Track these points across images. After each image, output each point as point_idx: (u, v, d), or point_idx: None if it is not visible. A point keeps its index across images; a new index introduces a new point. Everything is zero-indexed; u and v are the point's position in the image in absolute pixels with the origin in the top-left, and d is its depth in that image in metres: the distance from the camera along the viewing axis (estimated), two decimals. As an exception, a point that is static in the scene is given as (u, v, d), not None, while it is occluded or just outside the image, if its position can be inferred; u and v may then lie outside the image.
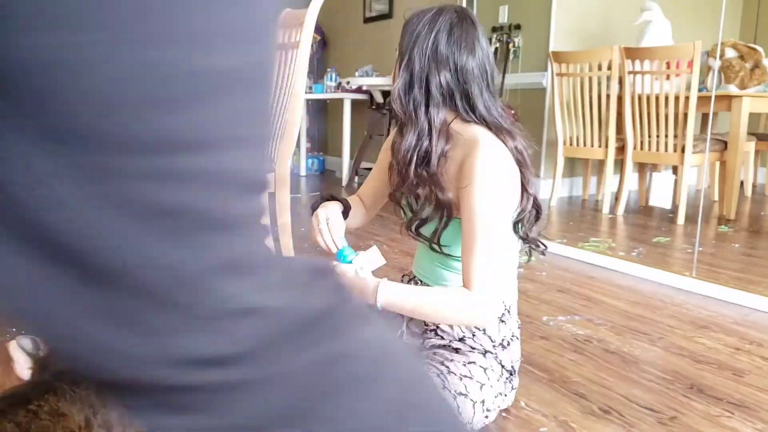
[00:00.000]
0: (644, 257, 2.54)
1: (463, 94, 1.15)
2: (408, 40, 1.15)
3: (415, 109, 1.15)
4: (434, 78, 1.13)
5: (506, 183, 1.14)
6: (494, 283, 1.11)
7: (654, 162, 3.21)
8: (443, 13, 1.16)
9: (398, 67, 1.17)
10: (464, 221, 1.13)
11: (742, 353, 1.64)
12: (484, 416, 1.18)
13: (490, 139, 1.15)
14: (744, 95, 2.93)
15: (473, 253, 1.10)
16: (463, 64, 1.14)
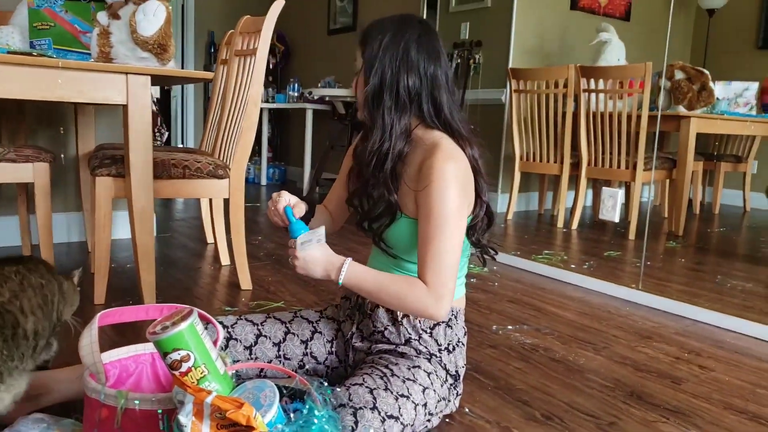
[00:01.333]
0: (594, 270, 2.56)
1: (430, 99, 1.18)
2: (376, 47, 1.16)
3: (382, 113, 1.16)
4: (403, 82, 1.15)
5: (463, 186, 1.15)
6: (449, 281, 1.12)
7: (607, 178, 3.27)
8: (409, 23, 1.19)
9: (363, 75, 1.18)
10: (421, 221, 1.14)
11: (681, 362, 1.66)
12: (426, 419, 1.16)
13: (450, 144, 1.17)
14: (692, 116, 3.02)
15: (429, 251, 1.11)
16: (431, 70, 1.17)
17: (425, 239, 1.13)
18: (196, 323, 0.90)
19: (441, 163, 1.12)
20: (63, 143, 2.72)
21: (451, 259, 1.12)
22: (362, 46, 1.19)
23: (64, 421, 1.07)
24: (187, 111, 5.69)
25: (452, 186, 1.12)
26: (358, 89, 1.22)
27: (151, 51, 1.72)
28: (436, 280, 1.11)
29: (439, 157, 1.13)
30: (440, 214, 1.11)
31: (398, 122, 1.16)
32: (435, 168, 1.12)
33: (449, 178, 1.12)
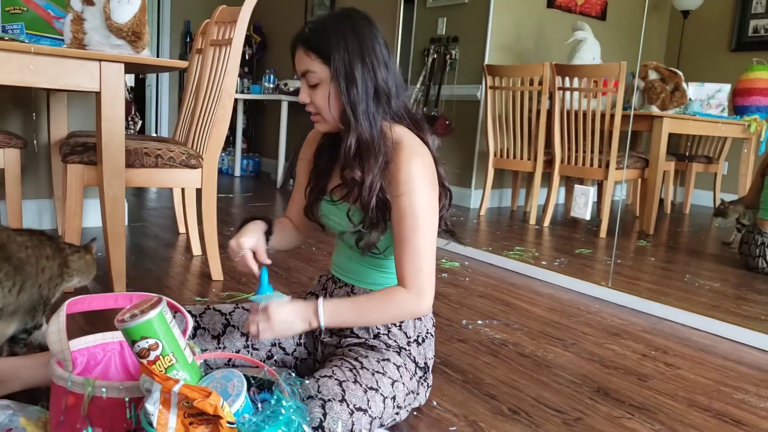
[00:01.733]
0: (565, 267, 2.61)
1: (396, 92, 1.15)
2: (342, 51, 1.09)
3: (370, 120, 1.12)
4: (381, 80, 1.12)
5: (431, 181, 1.15)
6: (429, 277, 1.14)
7: (580, 176, 3.32)
8: (356, 16, 1.13)
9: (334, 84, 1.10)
10: (395, 222, 1.14)
11: (647, 359, 1.69)
12: (395, 413, 1.17)
13: (412, 139, 1.15)
14: (664, 116, 3.08)
15: (407, 252, 1.12)
16: (391, 61, 1.15)
17: (401, 240, 1.13)
18: (165, 312, 0.90)
19: (407, 163, 1.11)
20: (34, 129, 2.66)
21: (428, 256, 1.13)
22: (318, 54, 1.10)
23: (30, 408, 1.06)
24: (161, 100, 5.60)
25: (421, 185, 1.11)
26: (317, 102, 1.13)
27: (126, 38, 1.70)
28: (415, 279, 1.13)
29: (404, 156, 1.11)
30: (413, 215, 1.11)
31: (379, 122, 1.13)
32: (402, 169, 1.11)
33: (417, 177, 1.11)
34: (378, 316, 1.17)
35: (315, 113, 1.17)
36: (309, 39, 1.11)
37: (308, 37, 1.12)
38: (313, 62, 1.11)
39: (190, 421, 0.84)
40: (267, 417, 0.87)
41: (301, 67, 1.13)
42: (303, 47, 1.12)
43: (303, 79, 1.14)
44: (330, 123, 1.16)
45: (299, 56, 1.13)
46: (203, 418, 0.84)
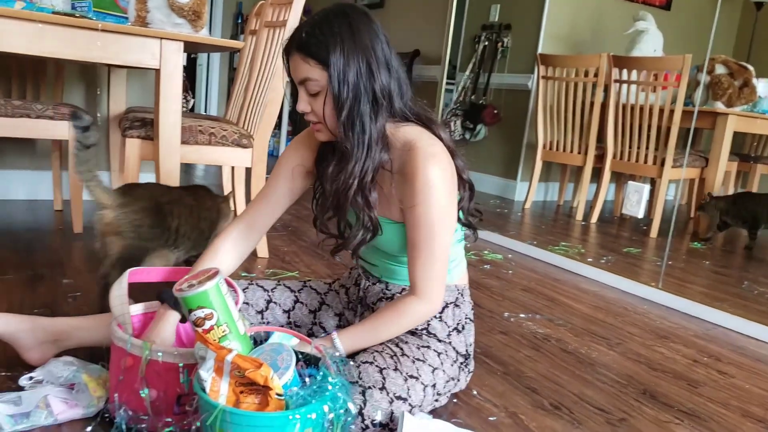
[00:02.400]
0: (612, 265, 2.55)
1: (400, 91, 1.08)
2: (338, 55, 1.01)
3: (362, 127, 1.04)
4: (378, 82, 1.04)
5: (449, 182, 1.09)
6: (439, 281, 1.13)
7: (632, 173, 3.23)
8: (353, 13, 1.04)
9: (332, 92, 1.02)
10: (410, 227, 1.10)
11: (699, 365, 1.64)
12: (434, 399, 1.17)
13: (425, 138, 1.09)
14: (730, 113, 2.94)
15: (420, 258, 1.10)
16: (392, 59, 1.07)
17: (415, 247, 1.10)
18: (221, 284, 0.93)
19: (423, 165, 1.04)
20: (95, 103, 2.76)
21: (442, 261, 1.11)
22: (318, 60, 1.01)
23: (92, 366, 1.12)
24: (211, 79, 5.71)
25: (438, 188, 1.06)
26: (318, 111, 1.06)
27: (186, 17, 1.73)
28: (427, 286, 1.11)
29: (420, 158, 1.05)
30: (429, 223, 1.08)
31: (376, 129, 1.06)
32: (418, 172, 1.05)
33: (434, 180, 1.05)
34: (393, 331, 1.16)
35: (316, 122, 1.09)
36: (307, 44, 1.02)
37: (306, 42, 1.02)
38: (312, 69, 1.02)
39: (241, 390, 0.87)
40: (314, 392, 0.89)
41: (300, 74, 1.05)
42: (301, 53, 1.03)
43: (301, 87, 1.06)
44: (332, 131, 1.08)
45: (296, 63, 1.04)
46: (253, 388, 0.86)
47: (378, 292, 1.27)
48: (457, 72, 3.91)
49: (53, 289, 1.66)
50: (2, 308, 1.47)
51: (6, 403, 1.00)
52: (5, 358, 1.21)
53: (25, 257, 1.90)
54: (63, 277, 1.76)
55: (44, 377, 1.09)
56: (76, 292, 1.65)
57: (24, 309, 1.49)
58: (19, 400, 1.02)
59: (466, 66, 3.93)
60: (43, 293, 1.62)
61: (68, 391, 1.06)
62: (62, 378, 1.07)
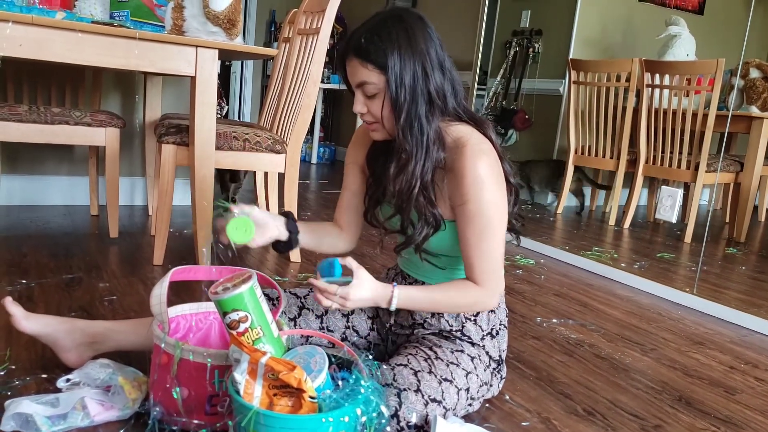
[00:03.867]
0: (646, 270, 2.50)
1: (453, 91, 1.11)
2: (396, 58, 1.04)
3: (420, 128, 1.07)
4: (433, 84, 1.07)
5: (498, 179, 1.10)
6: (498, 275, 1.14)
7: (665, 177, 3.17)
8: (408, 17, 1.07)
9: (389, 94, 1.06)
10: (462, 224, 1.11)
11: (736, 372, 1.60)
12: (468, 404, 1.17)
13: (475, 136, 1.11)
14: (765, 117, 2.87)
15: (476, 254, 1.11)
16: (446, 61, 1.10)
17: (469, 243, 1.11)
18: (256, 287, 0.94)
19: (473, 162, 1.06)
20: (131, 110, 2.83)
21: (497, 256, 1.12)
22: (376, 64, 1.05)
23: (127, 368, 1.14)
24: (245, 86, 5.80)
25: (489, 184, 1.07)
26: (375, 113, 1.09)
27: (221, 26, 1.77)
28: (487, 279, 1.12)
29: (469, 155, 1.07)
30: (482, 216, 1.08)
31: (433, 130, 1.08)
32: (468, 169, 1.06)
33: (484, 176, 1.07)
34: (449, 308, 1.18)
35: (372, 122, 1.12)
36: (366, 49, 1.05)
37: (365, 47, 1.05)
38: (371, 73, 1.05)
39: (275, 393, 0.88)
40: (346, 395, 0.90)
41: (357, 78, 1.08)
42: (359, 58, 1.06)
43: (358, 89, 1.09)
44: (390, 132, 1.12)
45: (354, 67, 1.07)
46: (287, 391, 0.87)
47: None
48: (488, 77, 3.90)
49: (90, 292, 1.70)
50: (40, 311, 1.51)
51: (44, 404, 1.03)
52: (43, 360, 1.25)
53: (63, 261, 1.96)
54: (99, 280, 1.81)
55: (81, 379, 1.11)
56: (112, 296, 1.69)
57: (61, 312, 1.53)
58: (57, 401, 1.04)
59: (497, 72, 3.91)
60: (80, 296, 1.66)
61: (104, 393, 1.08)
62: (99, 380, 1.10)
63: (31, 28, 1.57)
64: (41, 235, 2.26)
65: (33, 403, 1.02)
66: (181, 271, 1.11)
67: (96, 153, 2.58)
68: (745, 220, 3.00)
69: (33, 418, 0.99)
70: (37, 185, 2.69)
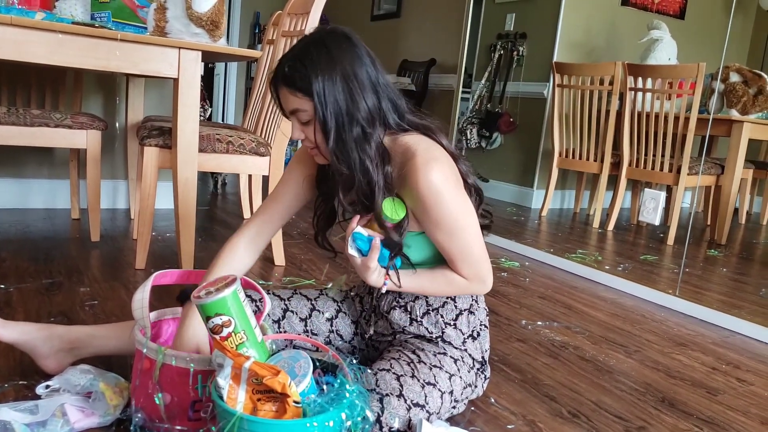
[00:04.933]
0: (629, 272, 2.52)
1: (391, 106, 1.10)
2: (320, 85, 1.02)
3: (358, 150, 1.05)
4: (363, 105, 1.04)
5: (454, 181, 1.09)
6: (485, 265, 1.15)
7: (648, 180, 3.20)
8: (331, 38, 1.05)
9: (318, 121, 1.04)
10: (432, 232, 1.10)
11: (718, 373, 1.62)
12: (452, 406, 1.17)
13: (423, 143, 1.09)
14: (745, 121, 2.92)
15: (454, 254, 1.12)
16: (378, 78, 1.08)
17: (444, 246, 1.11)
18: (239, 291, 0.93)
19: (424, 172, 1.04)
20: (113, 113, 2.79)
21: (478, 248, 1.13)
22: (304, 92, 1.03)
23: (108, 374, 1.12)
24: (229, 89, 5.77)
25: (445, 190, 1.06)
26: (311, 138, 1.07)
27: (204, 27, 1.75)
28: (473, 271, 1.14)
29: (420, 166, 1.04)
30: (447, 221, 1.08)
31: (371, 150, 1.06)
32: (420, 180, 1.04)
33: (438, 184, 1.04)
34: (440, 295, 1.21)
35: (312, 147, 1.11)
36: (292, 77, 1.03)
37: (289, 75, 1.04)
38: (300, 101, 1.04)
39: (258, 398, 0.87)
40: (331, 399, 0.89)
41: (289, 106, 1.07)
42: (287, 87, 1.05)
43: (293, 116, 1.08)
44: (326, 157, 1.10)
45: (285, 96, 1.07)
46: (271, 396, 0.86)
47: (391, 300, 1.26)
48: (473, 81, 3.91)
49: (70, 297, 1.68)
50: (19, 316, 1.49)
51: (22, 411, 1.01)
52: (22, 367, 1.22)
53: (43, 265, 1.92)
54: (80, 285, 1.78)
55: (61, 385, 1.09)
56: (93, 301, 1.66)
57: (41, 317, 1.51)
58: (36, 408, 1.02)
59: (481, 75, 3.93)
60: (60, 301, 1.63)
61: (85, 399, 1.06)
62: (79, 386, 1.08)
63: (10, 28, 1.55)
64: (21, 238, 2.22)
65: (11, 410, 1.00)
66: (163, 275, 1.10)
67: (77, 156, 2.54)
68: (726, 223, 3.04)
69: (11, 425, 0.97)
70: (17, 188, 2.65)
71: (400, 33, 4.86)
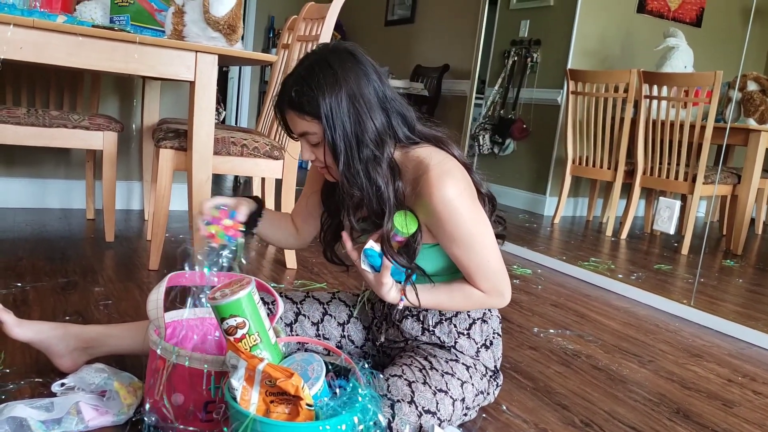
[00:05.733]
0: (643, 282, 2.50)
1: (400, 121, 1.09)
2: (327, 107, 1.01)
3: (367, 169, 1.05)
4: (370, 125, 1.04)
5: (469, 193, 1.08)
6: (502, 278, 1.13)
7: (663, 189, 3.18)
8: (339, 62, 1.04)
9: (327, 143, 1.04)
10: (448, 246, 1.10)
11: (734, 385, 1.60)
12: (463, 414, 1.16)
13: (436, 156, 1.08)
14: (762, 130, 2.89)
15: (471, 268, 1.11)
16: (386, 93, 1.07)
17: (460, 260, 1.10)
18: (254, 293, 0.93)
19: (438, 186, 1.03)
20: (129, 114, 2.82)
21: (495, 262, 1.11)
22: (307, 113, 1.03)
23: (123, 373, 1.13)
24: (242, 92, 5.80)
25: (460, 203, 1.05)
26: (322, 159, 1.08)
27: (221, 31, 1.77)
28: (490, 285, 1.12)
29: (433, 179, 1.03)
30: (463, 236, 1.07)
31: (382, 170, 1.06)
32: (435, 195, 1.03)
33: (453, 197, 1.04)
34: (456, 309, 1.20)
35: (322, 167, 1.11)
36: (299, 102, 1.03)
37: (296, 99, 1.03)
38: (310, 123, 1.04)
39: (271, 400, 0.87)
40: (344, 403, 0.89)
41: (298, 129, 1.07)
42: (294, 110, 1.04)
43: (302, 139, 1.09)
44: (336, 178, 1.11)
45: (292, 119, 1.07)
46: (284, 398, 0.86)
47: (403, 310, 1.26)
48: (486, 87, 3.91)
49: (85, 296, 1.69)
50: (35, 315, 1.50)
51: (38, 409, 1.02)
52: (38, 365, 1.23)
53: (58, 265, 1.94)
54: (95, 285, 1.79)
55: (76, 384, 1.10)
56: (107, 300, 1.68)
57: (56, 316, 1.52)
58: (51, 406, 1.03)
59: (495, 81, 3.93)
60: (75, 301, 1.65)
61: (99, 398, 1.07)
62: (94, 385, 1.09)
63: (32, 31, 1.57)
64: (37, 238, 2.24)
65: (27, 407, 1.01)
66: (177, 276, 1.10)
67: (93, 157, 2.57)
68: (742, 233, 3.01)
69: (27, 422, 0.98)
70: (34, 188, 2.68)
71: (414, 38, 4.87)
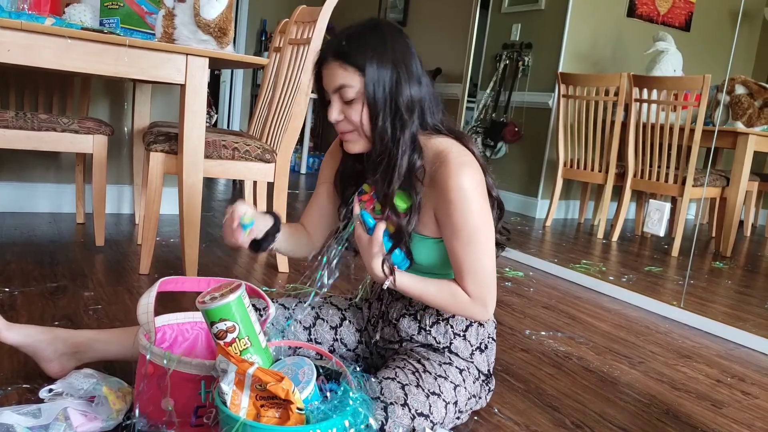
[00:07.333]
0: (634, 284, 2.51)
1: (433, 103, 1.11)
2: (374, 65, 1.03)
3: (398, 130, 1.07)
4: (409, 93, 1.06)
5: (482, 190, 1.09)
6: (491, 288, 1.12)
7: (653, 191, 3.20)
8: (391, 31, 1.08)
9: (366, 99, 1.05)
10: (449, 238, 1.10)
11: (723, 386, 1.61)
12: (456, 417, 1.16)
13: (456, 149, 1.09)
14: (750, 133, 2.92)
15: (464, 266, 1.10)
16: (423, 74, 1.10)
17: (457, 256, 1.09)
18: (244, 296, 0.93)
19: (455, 174, 1.05)
20: (119, 118, 2.81)
21: (488, 268, 1.11)
22: (356, 66, 1.03)
23: (111, 378, 1.12)
24: (234, 95, 5.79)
25: (473, 197, 1.06)
26: (353, 119, 1.07)
27: (212, 34, 1.76)
28: (478, 291, 1.11)
29: (452, 168, 1.05)
30: (467, 229, 1.07)
31: (410, 135, 1.08)
32: (451, 182, 1.05)
33: (468, 189, 1.05)
34: (438, 307, 1.17)
35: (349, 131, 1.10)
36: (346, 51, 1.04)
37: (345, 49, 1.04)
38: (351, 76, 1.04)
39: (262, 404, 0.87)
40: (335, 406, 0.89)
41: (335, 81, 1.06)
42: (339, 60, 1.05)
43: (335, 95, 1.07)
44: (364, 140, 1.10)
45: (332, 70, 1.06)
46: (274, 402, 0.86)
47: (401, 308, 1.26)
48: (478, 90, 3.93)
49: (74, 301, 1.68)
50: (23, 320, 1.49)
51: (25, 415, 1.01)
52: (25, 370, 1.22)
53: (48, 269, 1.93)
54: (84, 289, 1.78)
55: (64, 389, 1.09)
56: (97, 305, 1.67)
57: (45, 321, 1.51)
58: (39, 412, 1.02)
59: (487, 84, 3.94)
60: (65, 305, 1.64)
61: (88, 403, 1.06)
62: (82, 390, 1.08)
63: (20, 33, 1.56)
64: (26, 242, 2.23)
65: (14, 414, 1.00)
66: (168, 281, 1.10)
67: (83, 160, 2.55)
68: (732, 235, 3.03)
69: (14, 428, 0.97)
70: (23, 192, 2.66)
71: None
